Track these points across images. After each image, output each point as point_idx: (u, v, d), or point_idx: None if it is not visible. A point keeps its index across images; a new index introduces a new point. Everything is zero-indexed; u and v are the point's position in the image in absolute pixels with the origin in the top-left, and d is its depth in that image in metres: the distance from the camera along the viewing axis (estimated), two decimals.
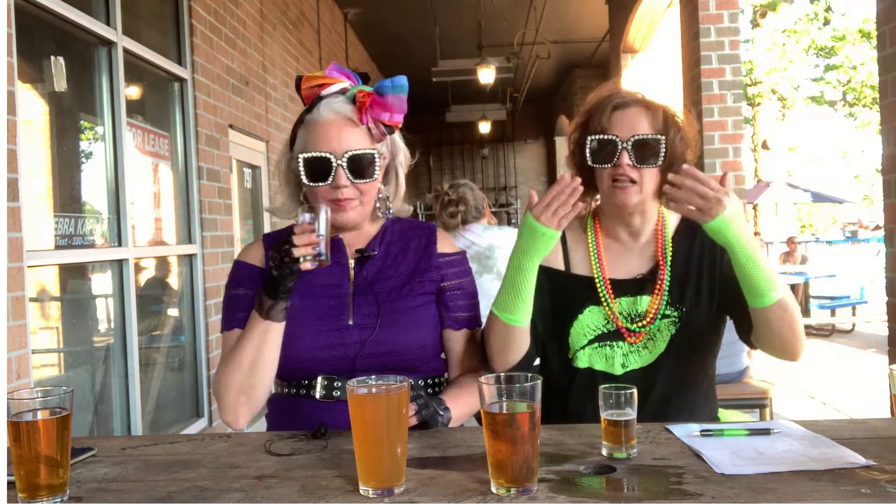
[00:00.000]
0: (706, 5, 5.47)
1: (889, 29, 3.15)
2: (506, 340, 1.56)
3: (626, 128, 1.57)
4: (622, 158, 1.55)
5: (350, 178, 1.47)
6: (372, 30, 10.01)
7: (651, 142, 1.55)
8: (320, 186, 1.48)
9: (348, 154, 1.46)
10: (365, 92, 1.49)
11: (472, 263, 3.28)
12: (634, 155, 1.55)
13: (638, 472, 1.14)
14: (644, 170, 1.56)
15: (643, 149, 1.55)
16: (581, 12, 9.60)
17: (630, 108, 1.59)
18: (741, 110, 5.63)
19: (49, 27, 3.26)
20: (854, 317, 9.83)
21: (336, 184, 1.46)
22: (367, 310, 1.51)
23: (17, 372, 2.60)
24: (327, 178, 1.46)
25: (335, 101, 1.50)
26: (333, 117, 1.48)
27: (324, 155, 1.46)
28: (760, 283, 1.44)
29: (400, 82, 1.48)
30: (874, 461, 1.13)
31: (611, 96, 1.62)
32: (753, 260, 1.43)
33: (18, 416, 1.06)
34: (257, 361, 1.45)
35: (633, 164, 1.55)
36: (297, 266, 1.37)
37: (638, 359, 1.61)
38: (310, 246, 1.35)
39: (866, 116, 20.10)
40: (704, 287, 1.62)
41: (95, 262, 3.61)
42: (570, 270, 1.68)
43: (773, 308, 1.46)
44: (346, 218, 1.51)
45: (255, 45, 5.72)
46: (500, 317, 1.54)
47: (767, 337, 1.52)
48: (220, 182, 4.83)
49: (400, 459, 1.08)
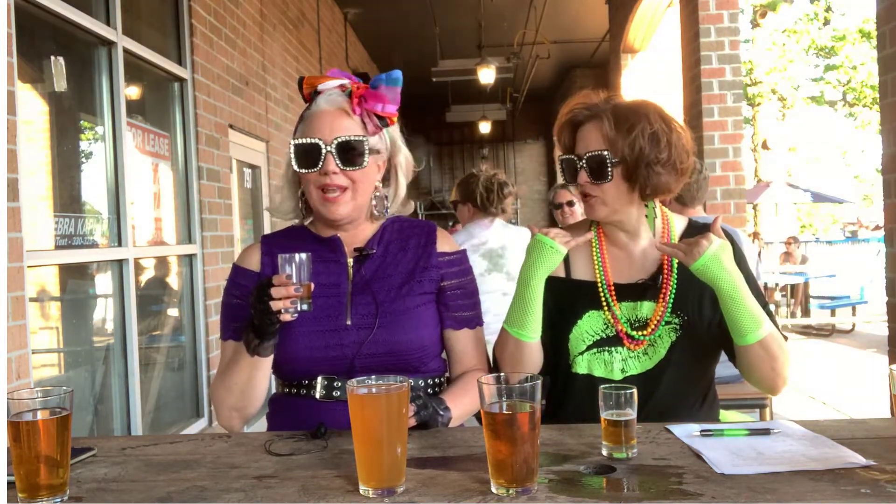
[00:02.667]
0: (706, 5, 5.46)
1: (889, 29, 3.15)
2: (517, 357, 1.58)
3: (582, 144, 1.59)
4: (581, 176, 1.58)
5: (339, 165, 1.48)
6: (372, 30, 10.01)
7: (597, 157, 1.55)
8: (310, 173, 1.49)
9: (337, 140, 1.47)
10: (359, 84, 1.52)
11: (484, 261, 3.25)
12: (589, 172, 1.56)
13: (638, 472, 1.13)
14: (604, 185, 1.56)
15: (595, 164, 1.55)
16: (581, 12, 9.60)
17: (587, 123, 1.60)
18: (741, 110, 5.63)
19: (49, 27, 3.26)
20: (854, 317, 9.83)
21: (325, 169, 1.48)
22: (366, 310, 1.51)
23: (17, 372, 2.60)
24: (317, 164, 1.48)
25: (332, 94, 1.53)
26: (327, 108, 1.51)
27: (314, 141, 1.48)
28: (744, 323, 1.47)
29: (394, 75, 1.51)
30: (874, 461, 1.13)
31: (570, 113, 1.62)
32: (738, 300, 1.46)
33: (18, 416, 1.06)
34: (247, 389, 1.50)
35: (590, 181, 1.57)
36: (277, 317, 1.38)
37: (637, 364, 1.61)
38: (288, 300, 1.36)
39: (866, 116, 20.10)
40: (707, 295, 1.61)
41: (95, 262, 3.61)
42: (571, 276, 1.67)
43: (754, 348, 1.49)
44: (337, 212, 1.51)
45: (255, 45, 5.72)
46: (510, 332, 1.58)
47: (746, 371, 1.56)
48: (220, 182, 4.83)
49: (400, 459, 1.08)
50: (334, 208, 1.51)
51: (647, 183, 1.55)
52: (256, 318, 1.40)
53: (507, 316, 1.59)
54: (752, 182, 16.61)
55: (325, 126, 1.49)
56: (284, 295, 1.35)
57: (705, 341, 1.62)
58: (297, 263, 1.37)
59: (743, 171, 5.55)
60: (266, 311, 1.37)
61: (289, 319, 1.38)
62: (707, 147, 5.40)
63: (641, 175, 1.54)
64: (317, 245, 1.58)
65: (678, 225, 1.70)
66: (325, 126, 1.49)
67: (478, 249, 3.26)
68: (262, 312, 1.38)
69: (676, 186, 1.61)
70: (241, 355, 1.48)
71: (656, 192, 1.58)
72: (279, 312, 1.36)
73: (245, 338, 1.46)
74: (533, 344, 1.58)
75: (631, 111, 1.56)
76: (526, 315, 1.56)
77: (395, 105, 1.51)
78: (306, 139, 1.48)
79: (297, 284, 1.36)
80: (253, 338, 1.44)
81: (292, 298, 1.35)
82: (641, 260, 1.66)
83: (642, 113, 1.56)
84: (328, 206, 1.51)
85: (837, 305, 9.89)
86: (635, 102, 1.61)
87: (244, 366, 1.48)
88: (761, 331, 1.48)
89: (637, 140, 1.53)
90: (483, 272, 3.21)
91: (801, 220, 26.50)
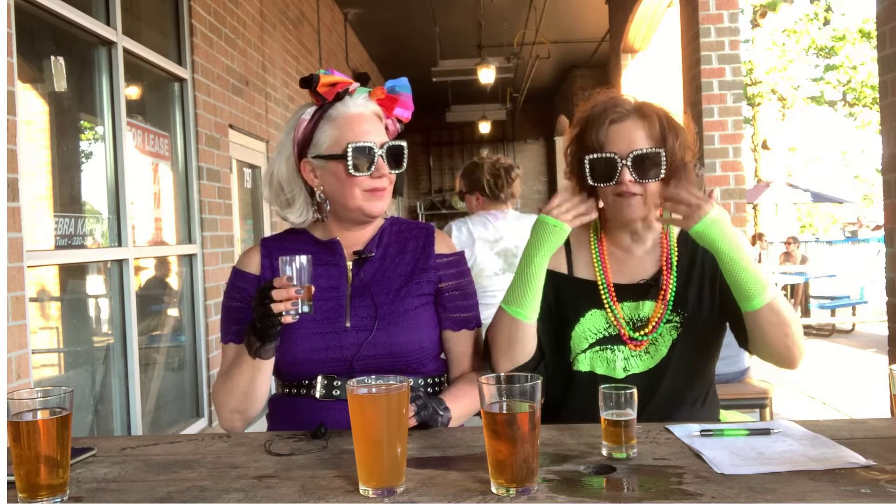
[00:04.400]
0: (706, 5, 5.46)
1: (889, 29, 3.15)
2: (511, 337, 1.56)
3: (623, 143, 1.55)
4: (623, 175, 1.54)
5: (389, 169, 1.54)
6: (372, 30, 10.01)
7: (651, 155, 1.54)
8: (361, 176, 1.51)
9: (387, 145, 1.53)
10: (383, 90, 1.58)
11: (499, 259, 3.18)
12: (635, 170, 1.54)
13: (638, 472, 1.13)
14: (647, 184, 1.55)
15: (643, 163, 1.54)
16: (581, 12, 9.60)
17: (626, 120, 1.57)
18: (741, 110, 5.63)
19: (49, 27, 3.26)
20: (854, 317, 9.83)
21: (380, 173, 1.52)
22: (365, 312, 1.52)
23: (17, 372, 2.60)
24: (370, 167, 1.51)
25: (360, 98, 1.56)
26: (365, 112, 1.55)
27: (369, 144, 1.51)
28: (748, 285, 1.46)
29: (404, 83, 1.60)
30: (874, 461, 1.13)
31: (606, 110, 1.59)
32: (739, 262, 1.45)
33: (18, 416, 1.06)
34: (249, 391, 1.50)
35: (634, 180, 1.54)
36: (279, 319, 1.38)
37: (640, 363, 1.61)
38: (289, 302, 1.36)
39: (866, 116, 20.09)
40: (706, 292, 1.62)
41: (95, 263, 3.61)
42: (573, 274, 1.67)
43: (763, 312, 1.47)
44: (380, 207, 1.56)
45: (255, 45, 5.71)
46: (507, 310, 1.57)
47: (762, 343, 1.53)
48: (220, 182, 4.83)
49: (400, 459, 1.08)
50: (379, 203, 1.55)
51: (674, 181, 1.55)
52: (258, 320, 1.40)
53: (506, 295, 1.58)
54: (752, 182, 16.60)
55: (369, 131, 1.53)
56: (285, 297, 1.35)
57: (706, 338, 1.63)
58: (298, 266, 1.37)
59: (743, 171, 5.55)
60: (267, 313, 1.37)
61: (290, 321, 1.38)
62: (707, 147, 5.40)
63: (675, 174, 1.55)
64: (316, 248, 1.58)
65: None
66: (371, 130, 1.53)
67: (493, 247, 3.19)
68: (263, 315, 1.38)
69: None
70: (243, 358, 1.48)
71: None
72: (280, 314, 1.36)
73: (247, 340, 1.46)
74: (528, 325, 1.56)
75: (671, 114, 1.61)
76: (526, 293, 1.54)
77: (410, 111, 1.61)
78: (363, 142, 1.50)
79: (298, 286, 1.36)
80: (255, 340, 1.44)
81: (293, 300, 1.35)
82: (642, 260, 1.66)
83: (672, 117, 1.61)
84: (374, 203, 1.54)
85: (837, 305, 9.89)
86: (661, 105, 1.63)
87: (246, 368, 1.48)
88: (768, 293, 1.46)
89: (682, 141, 1.57)
90: (497, 271, 3.15)
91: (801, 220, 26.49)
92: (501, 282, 3.13)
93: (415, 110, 1.65)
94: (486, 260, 3.13)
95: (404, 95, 1.60)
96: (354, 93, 1.55)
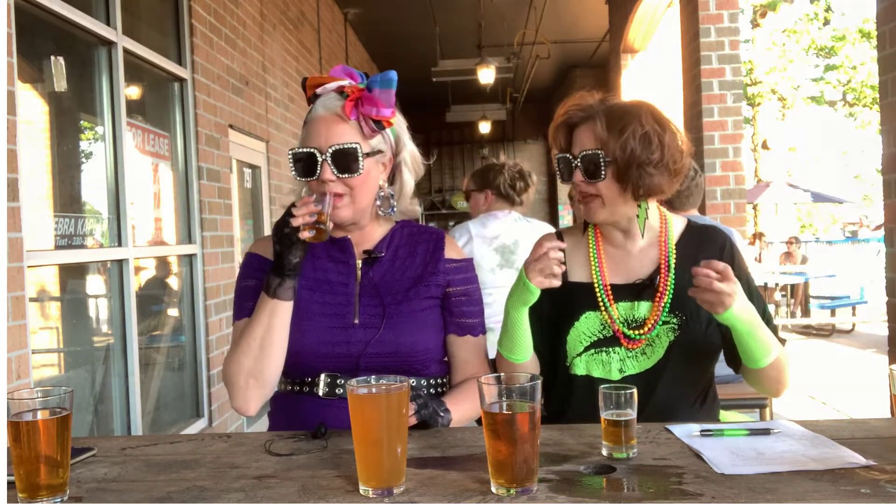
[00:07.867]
0: (706, 5, 5.46)
1: (889, 29, 3.15)
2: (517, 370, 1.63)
3: (577, 145, 1.61)
4: (576, 176, 1.59)
5: (335, 173, 1.48)
6: (372, 30, 10.01)
7: (591, 156, 1.56)
8: (310, 181, 1.51)
9: (332, 148, 1.48)
10: (354, 87, 1.51)
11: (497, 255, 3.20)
12: (584, 171, 1.57)
13: (638, 472, 1.14)
14: (599, 184, 1.57)
15: (589, 163, 1.57)
16: (581, 12, 9.61)
17: (581, 124, 1.61)
18: (741, 110, 5.63)
19: (49, 27, 3.25)
20: (854, 317, 9.83)
21: (322, 178, 1.48)
22: (373, 310, 1.53)
23: (17, 372, 2.60)
24: (314, 172, 1.49)
25: (328, 99, 1.52)
26: (324, 114, 1.51)
27: (309, 150, 1.49)
28: (756, 353, 1.52)
29: (388, 76, 1.49)
30: (874, 461, 1.13)
31: (566, 115, 1.63)
32: (752, 334, 1.50)
33: (18, 416, 1.06)
34: (266, 343, 1.46)
35: (584, 180, 1.58)
36: (297, 236, 1.40)
37: (636, 364, 1.61)
38: (308, 214, 1.39)
39: (866, 116, 20.08)
40: None
41: (95, 263, 3.60)
42: (568, 278, 1.67)
43: (764, 370, 1.54)
44: (337, 217, 1.52)
45: (255, 45, 5.71)
46: (503, 356, 1.64)
47: (752, 382, 1.64)
48: (220, 182, 4.83)
49: (400, 459, 1.08)
50: (334, 213, 1.50)
51: (640, 183, 1.56)
52: (278, 242, 1.43)
53: (499, 339, 1.65)
54: (752, 182, 16.59)
55: (321, 134, 1.49)
56: (305, 211, 1.40)
57: (704, 341, 1.62)
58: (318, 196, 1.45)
59: (743, 171, 5.55)
60: (286, 230, 1.41)
61: (307, 237, 1.41)
62: (707, 147, 5.40)
63: (633, 175, 1.55)
64: (327, 245, 1.58)
65: (677, 225, 1.70)
66: (322, 134, 1.49)
67: (491, 243, 3.20)
68: (282, 234, 1.42)
69: (670, 187, 1.61)
70: (259, 310, 1.48)
71: (649, 192, 1.59)
72: (298, 230, 1.40)
73: (266, 282, 1.47)
74: (527, 363, 1.64)
75: (624, 112, 1.57)
76: (513, 342, 1.61)
77: (389, 108, 1.49)
78: (303, 148, 1.50)
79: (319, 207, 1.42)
80: (273, 277, 1.45)
81: (311, 213, 1.40)
82: (639, 260, 1.66)
83: (634, 114, 1.56)
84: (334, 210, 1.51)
85: (837, 305, 9.89)
86: (629, 103, 1.62)
87: (263, 316, 1.47)
88: (771, 356, 1.52)
89: (628, 141, 1.54)
90: (495, 267, 3.17)
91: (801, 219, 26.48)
92: (500, 277, 3.15)
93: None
94: (483, 255, 3.14)
95: (378, 93, 1.48)
96: (326, 94, 1.53)
